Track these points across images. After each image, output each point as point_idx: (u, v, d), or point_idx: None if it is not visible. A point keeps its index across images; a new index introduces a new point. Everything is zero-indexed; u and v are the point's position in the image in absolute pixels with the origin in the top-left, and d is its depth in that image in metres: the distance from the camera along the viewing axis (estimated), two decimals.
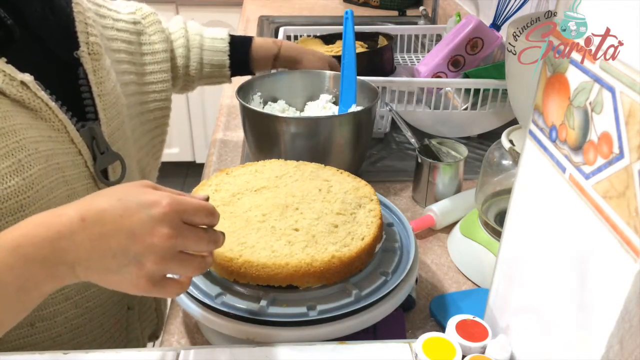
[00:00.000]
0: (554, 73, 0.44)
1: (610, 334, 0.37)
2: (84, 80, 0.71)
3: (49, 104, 0.64)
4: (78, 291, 0.70)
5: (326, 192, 0.67)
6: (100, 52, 0.73)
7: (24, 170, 0.60)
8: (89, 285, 0.71)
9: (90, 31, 0.72)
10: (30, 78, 0.62)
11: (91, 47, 0.72)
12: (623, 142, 0.35)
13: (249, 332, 0.56)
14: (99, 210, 0.45)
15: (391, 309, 0.60)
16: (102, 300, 0.75)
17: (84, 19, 0.72)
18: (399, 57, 1.52)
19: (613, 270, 0.36)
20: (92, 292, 0.73)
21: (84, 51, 0.71)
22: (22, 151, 0.60)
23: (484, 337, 0.54)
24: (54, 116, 0.65)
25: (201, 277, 0.61)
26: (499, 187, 0.78)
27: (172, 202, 0.46)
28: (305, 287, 0.58)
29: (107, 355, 0.56)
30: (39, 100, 0.63)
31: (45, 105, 0.63)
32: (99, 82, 0.72)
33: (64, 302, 0.69)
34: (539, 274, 0.48)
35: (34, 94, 0.62)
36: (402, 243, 0.67)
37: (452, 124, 1.13)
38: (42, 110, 0.63)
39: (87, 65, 0.71)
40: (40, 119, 0.64)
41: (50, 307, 0.68)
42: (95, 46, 0.72)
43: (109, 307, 0.77)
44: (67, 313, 0.70)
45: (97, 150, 0.70)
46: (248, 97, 0.97)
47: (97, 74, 0.72)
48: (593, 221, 0.38)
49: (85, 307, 0.72)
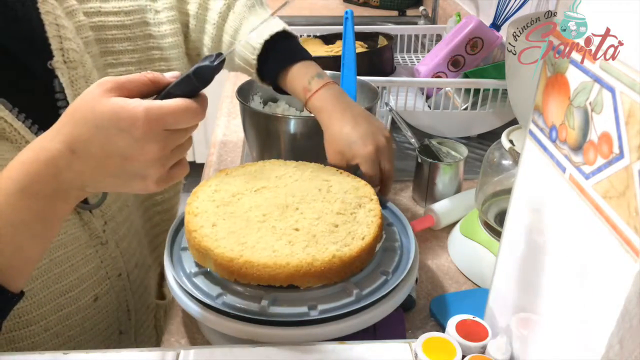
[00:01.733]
0: (554, 73, 0.44)
1: (610, 334, 0.37)
2: (60, 94, 0.64)
3: (13, 124, 0.58)
4: (58, 321, 0.66)
5: (326, 192, 0.67)
6: (77, 59, 0.65)
7: None
8: (70, 315, 0.67)
9: (63, 34, 0.64)
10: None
11: (67, 54, 0.64)
12: (623, 142, 0.35)
13: (250, 332, 0.56)
14: (84, 141, 0.44)
15: (391, 309, 0.60)
16: (87, 329, 0.70)
17: (54, 19, 0.63)
18: (399, 57, 1.52)
19: (613, 270, 0.36)
20: (74, 320, 0.68)
21: (59, 60, 0.63)
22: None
23: (484, 337, 0.54)
24: (19, 137, 0.59)
25: (202, 277, 0.61)
26: (499, 187, 0.78)
27: (148, 117, 0.43)
28: (306, 286, 0.58)
29: (107, 356, 0.56)
30: (2, 120, 0.57)
31: (9, 125, 0.58)
32: (77, 94, 0.64)
33: (42, 333, 0.65)
34: (539, 274, 0.48)
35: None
36: (402, 242, 0.67)
37: (452, 124, 1.13)
38: (6, 132, 0.58)
39: (63, 77, 0.63)
40: (4, 139, 0.59)
41: (27, 340, 0.64)
42: (71, 52, 0.64)
43: (96, 334, 0.72)
44: (47, 344, 0.66)
45: None
46: (248, 97, 0.97)
47: (75, 85, 0.64)
48: (593, 221, 0.38)
49: (66, 337, 0.68)
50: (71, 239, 0.66)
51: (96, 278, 0.70)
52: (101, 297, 0.71)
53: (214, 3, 0.81)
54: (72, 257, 0.66)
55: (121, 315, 0.76)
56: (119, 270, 0.73)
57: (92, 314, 0.70)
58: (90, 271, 0.69)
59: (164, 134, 0.45)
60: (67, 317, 0.67)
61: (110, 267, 0.72)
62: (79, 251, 0.67)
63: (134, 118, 0.43)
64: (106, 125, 0.44)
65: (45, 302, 0.64)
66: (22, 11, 0.62)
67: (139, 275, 0.79)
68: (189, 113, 0.45)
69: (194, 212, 0.63)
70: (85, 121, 0.44)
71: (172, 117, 0.44)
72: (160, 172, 0.47)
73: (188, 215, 0.63)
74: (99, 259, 0.70)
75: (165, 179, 0.48)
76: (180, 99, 0.45)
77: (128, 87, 0.45)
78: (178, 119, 0.45)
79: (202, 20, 0.81)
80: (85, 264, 0.68)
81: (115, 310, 0.74)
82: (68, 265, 0.66)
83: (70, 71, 0.64)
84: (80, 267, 0.67)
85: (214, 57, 0.46)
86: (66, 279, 0.66)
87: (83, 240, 0.67)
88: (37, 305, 0.63)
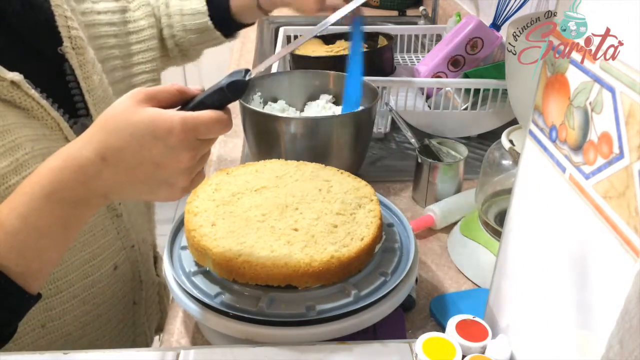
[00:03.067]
0: (554, 73, 0.44)
1: (610, 334, 0.37)
2: (71, 76, 0.70)
3: (40, 102, 0.63)
4: (84, 289, 0.71)
5: (326, 192, 0.67)
6: (84, 46, 0.71)
7: (22, 169, 0.60)
8: (95, 282, 0.72)
9: (70, 24, 0.70)
10: (20, 77, 0.61)
11: (74, 41, 0.70)
12: (623, 142, 0.35)
13: (247, 331, 0.56)
14: (117, 149, 0.46)
15: (391, 309, 0.60)
16: (108, 296, 0.75)
17: (63, 12, 0.70)
18: (399, 57, 1.52)
19: (613, 270, 0.36)
20: (99, 288, 0.73)
21: (68, 46, 0.69)
22: (19, 150, 0.60)
23: (484, 337, 0.54)
24: (46, 114, 0.64)
25: (201, 276, 0.61)
26: (499, 187, 0.78)
27: (185, 126, 0.45)
28: (304, 287, 0.58)
29: (107, 355, 0.56)
30: (30, 99, 0.62)
31: (37, 103, 0.63)
32: (86, 76, 0.71)
33: (71, 300, 0.70)
34: (539, 274, 0.48)
35: (24, 93, 0.61)
36: (402, 243, 0.67)
37: (452, 124, 1.13)
38: (34, 109, 0.63)
39: (72, 60, 0.70)
40: (32, 117, 0.63)
41: (58, 307, 0.69)
42: (79, 40, 0.71)
43: (115, 303, 0.77)
44: (76, 311, 0.71)
45: None
46: (248, 97, 0.97)
47: (84, 69, 0.71)
48: (593, 221, 0.38)
49: (92, 304, 0.73)
50: None
51: (114, 248, 0.75)
52: (119, 266, 0.76)
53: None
54: (94, 227, 0.71)
55: (135, 286, 0.81)
56: (132, 242, 0.78)
57: (113, 282, 0.76)
58: (109, 241, 0.74)
59: (196, 143, 0.47)
60: (92, 284, 0.72)
61: (125, 239, 0.77)
62: (99, 222, 0.72)
63: (170, 127, 0.45)
64: (142, 133, 0.45)
65: (72, 270, 0.69)
66: (37, 2, 0.68)
67: (146, 250, 0.85)
68: (221, 124, 0.47)
69: (193, 211, 0.63)
70: (118, 130, 0.46)
71: (205, 127, 0.47)
72: (187, 180, 0.49)
73: (188, 215, 0.63)
74: (115, 230, 0.75)
75: (188, 188, 0.50)
76: (213, 111, 0.47)
77: (159, 98, 0.48)
78: (210, 128, 0.47)
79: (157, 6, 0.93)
80: (105, 234, 0.73)
81: (130, 280, 0.80)
82: (90, 234, 0.70)
83: (79, 56, 0.70)
84: (100, 237, 0.72)
85: (243, 72, 0.48)
86: (89, 247, 0.70)
87: (102, 212, 0.72)
88: (64, 272, 0.68)
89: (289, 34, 1.44)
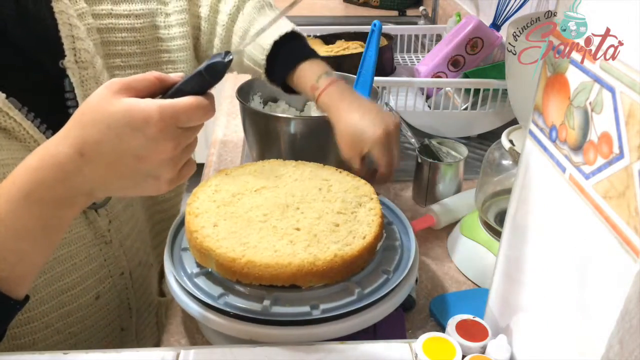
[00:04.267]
0: (554, 73, 0.44)
1: (610, 334, 0.37)
2: (70, 93, 0.64)
3: (22, 123, 0.58)
4: (59, 318, 0.66)
5: (326, 192, 0.67)
6: (88, 59, 0.66)
7: None
8: (72, 312, 0.68)
9: (76, 34, 0.64)
10: (1, 96, 0.56)
11: (78, 54, 0.64)
12: (623, 142, 0.35)
13: (252, 332, 0.56)
14: (95, 143, 0.43)
15: (392, 308, 0.60)
16: (87, 325, 0.70)
17: (68, 18, 0.64)
18: (399, 57, 1.52)
19: (613, 270, 0.37)
20: (76, 317, 0.68)
21: (70, 60, 0.63)
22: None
23: (484, 337, 0.54)
24: (28, 136, 0.59)
25: (203, 277, 0.61)
26: (499, 187, 0.78)
27: (163, 115, 0.43)
28: (307, 286, 0.58)
29: (107, 356, 0.56)
30: (12, 120, 0.57)
31: (18, 125, 0.58)
32: (86, 94, 0.64)
33: (43, 330, 0.65)
34: (539, 274, 0.48)
35: (5, 114, 0.57)
36: (402, 241, 0.67)
37: (452, 124, 1.13)
38: (15, 130, 0.58)
39: (74, 77, 0.64)
40: (13, 139, 0.59)
41: (27, 337, 0.64)
42: (84, 53, 0.65)
43: (95, 332, 0.72)
44: (48, 340, 0.66)
45: None
46: (248, 97, 0.97)
47: (85, 86, 0.65)
48: (593, 221, 0.38)
49: (67, 333, 0.68)
50: (76, 237, 0.66)
51: (98, 276, 0.70)
52: (103, 295, 0.71)
53: (224, 5, 0.82)
54: (76, 255, 0.66)
55: (122, 313, 0.76)
56: (121, 269, 0.73)
57: (94, 312, 0.71)
58: (93, 269, 0.69)
59: (177, 132, 0.44)
60: (69, 314, 0.67)
61: (113, 266, 0.72)
62: (82, 250, 0.67)
63: (147, 117, 0.43)
64: (119, 124, 0.43)
65: (46, 300, 0.64)
66: (35, 9, 0.62)
67: (141, 274, 0.79)
68: (201, 110, 0.45)
69: (194, 212, 0.63)
70: (94, 123, 0.44)
71: (185, 115, 0.44)
72: (172, 172, 0.46)
73: (189, 216, 0.63)
74: (102, 257, 0.70)
75: (175, 179, 0.47)
76: (192, 97, 0.45)
77: (136, 87, 0.45)
78: (191, 116, 0.44)
79: (213, 22, 0.82)
80: (89, 262, 0.68)
81: (116, 308, 0.74)
82: (71, 263, 0.66)
83: (81, 71, 0.64)
84: (83, 266, 0.67)
85: (223, 54, 0.46)
86: (68, 277, 0.66)
87: (88, 239, 0.67)
88: (38, 302, 0.63)
89: None
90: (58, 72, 0.63)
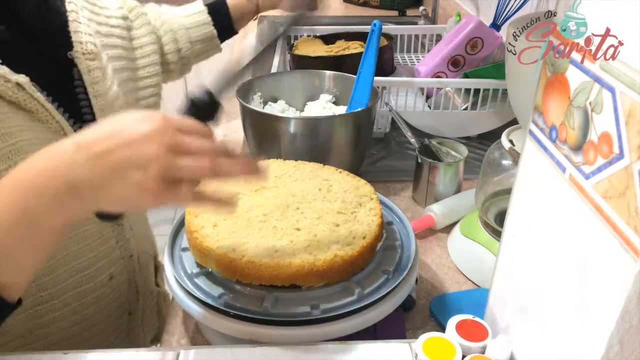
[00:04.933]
0: (554, 73, 0.44)
1: (610, 334, 0.37)
2: (79, 81, 0.70)
3: (45, 105, 0.63)
4: (76, 298, 0.70)
5: (326, 192, 0.67)
6: (95, 52, 0.72)
7: None
8: (88, 292, 0.71)
9: (84, 30, 0.71)
10: (26, 79, 0.60)
11: (85, 46, 0.70)
12: (623, 142, 0.35)
13: (253, 332, 0.56)
14: (93, 135, 0.45)
15: (392, 308, 0.60)
16: (101, 307, 0.74)
17: (77, 17, 0.71)
18: (399, 57, 1.52)
19: (613, 270, 0.37)
20: (92, 298, 0.72)
21: (78, 51, 0.70)
22: (17, 154, 0.59)
23: (484, 337, 0.54)
24: (50, 118, 0.64)
25: (203, 278, 0.61)
26: (499, 187, 0.78)
27: (168, 117, 0.46)
28: (308, 286, 0.58)
29: (107, 356, 0.56)
30: (35, 101, 0.62)
31: (41, 106, 0.62)
32: (94, 82, 0.71)
33: (61, 309, 0.69)
34: (539, 274, 0.48)
35: (30, 96, 0.61)
36: (402, 241, 0.67)
37: (452, 124, 1.13)
38: (39, 112, 0.62)
39: (81, 65, 0.70)
40: (37, 120, 0.63)
41: (48, 315, 0.68)
42: (90, 45, 0.71)
43: (108, 314, 0.76)
44: (65, 320, 0.70)
45: None
46: (248, 97, 0.97)
47: (92, 74, 0.71)
48: (593, 221, 0.38)
49: (83, 314, 0.72)
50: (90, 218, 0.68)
51: (111, 257, 0.74)
52: (115, 276, 0.75)
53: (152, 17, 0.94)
54: (90, 236, 0.70)
55: (131, 296, 0.80)
56: (130, 252, 0.77)
57: (107, 293, 0.75)
58: (107, 250, 0.73)
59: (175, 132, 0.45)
60: (85, 294, 0.71)
61: (124, 248, 0.76)
62: (97, 230, 0.71)
63: (153, 114, 0.46)
64: (123, 118, 0.46)
65: (64, 278, 0.68)
66: (54, 5, 0.70)
67: (145, 260, 0.84)
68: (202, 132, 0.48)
69: (194, 212, 0.63)
70: (98, 124, 0.47)
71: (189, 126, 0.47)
72: (160, 170, 0.44)
73: (189, 216, 0.63)
74: (114, 239, 0.74)
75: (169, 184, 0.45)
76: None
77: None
78: (190, 126, 0.47)
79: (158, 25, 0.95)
80: (102, 243, 0.72)
81: (126, 291, 0.79)
82: (84, 243, 0.69)
83: (89, 62, 0.71)
84: (97, 246, 0.71)
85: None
86: (84, 256, 0.69)
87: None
88: (56, 281, 0.67)
89: (289, 34, 1.44)
90: (67, 62, 0.70)
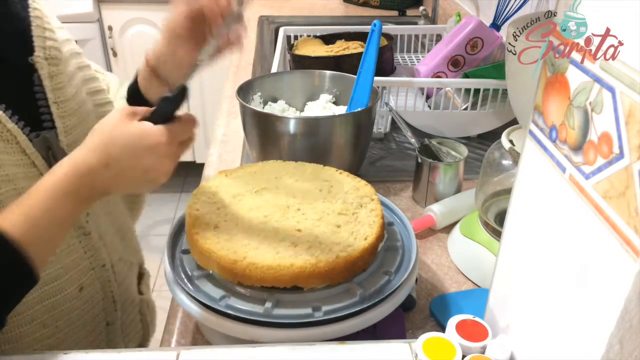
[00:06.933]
0: (554, 73, 0.44)
1: (610, 334, 0.37)
2: (39, 87, 0.67)
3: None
4: (45, 311, 0.68)
5: (327, 193, 0.67)
6: (59, 57, 0.69)
7: None
8: (57, 304, 0.69)
9: (48, 35, 0.68)
10: None
11: (48, 51, 0.68)
12: (623, 142, 0.35)
13: (254, 334, 0.56)
14: (116, 158, 0.57)
15: (392, 308, 0.60)
16: (73, 319, 0.72)
17: (42, 23, 0.68)
18: (399, 57, 1.52)
19: (613, 270, 0.37)
20: (61, 310, 0.70)
21: (40, 56, 0.66)
22: None
23: (484, 337, 0.54)
24: (1, 126, 0.61)
25: (204, 280, 0.61)
26: (499, 187, 0.78)
27: (168, 138, 0.57)
28: (309, 287, 0.58)
29: (107, 355, 0.56)
30: None
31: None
32: (56, 88, 0.68)
33: (29, 323, 0.66)
34: (539, 274, 0.48)
35: None
36: (403, 242, 0.67)
37: (452, 124, 1.13)
38: None
39: (42, 70, 0.67)
40: None
41: (15, 330, 0.65)
42: (53, 50, 0.68)
43: (82, 325, 0.73)
44: (35, 335, 0.67)
45: (54, 161, 0.64)
46: (248, 97, 0.97)
47: (54, 80, 0.68)
48: (593, 221, 0.38)
49: (54, 327, 0.69)
50: None
51: (80, 268, 0.72)
52: (86, 287, 0.73)
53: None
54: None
55: (107, 307, 0.77)
56: (102, 261, 0.75)
57: (79, 305, 0.72)
58: (74, 261, 0.71)
59: (178, 149, 0.59)
60: (53, 306, 0.69)
61: (94, 258, 0.73)
62: (62, 241, 0.67)
63: (158, 139, 0.56)
64: (135, 144, 0.56)
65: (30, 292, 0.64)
66: (15, 11, 0.67)
67: (122, 269, 0.81)
68: (191, 122, 0.60)
69: (194, 214, 0.63)
70: (114, 141, 0.56)
71: (182, 132, 0.59)
72: (168, 177, 0.59)
73: (189, 218, 0.63)
74: (82, 249, 0.72)
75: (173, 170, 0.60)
76: (181, 115, 0.59)
77: (138, 112, 0.59)
78: (185, 129, 0.59)
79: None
80: (69, 254, 0.70)
81: (101, 301, 0.76)
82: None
83: (51, 67, 0.68)
84: (64, 257, 0.69)
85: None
86: (51, 268, 0.67)
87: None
88: None
89: (289, 34, 1.44)
90: (27, 68, 0.67)
